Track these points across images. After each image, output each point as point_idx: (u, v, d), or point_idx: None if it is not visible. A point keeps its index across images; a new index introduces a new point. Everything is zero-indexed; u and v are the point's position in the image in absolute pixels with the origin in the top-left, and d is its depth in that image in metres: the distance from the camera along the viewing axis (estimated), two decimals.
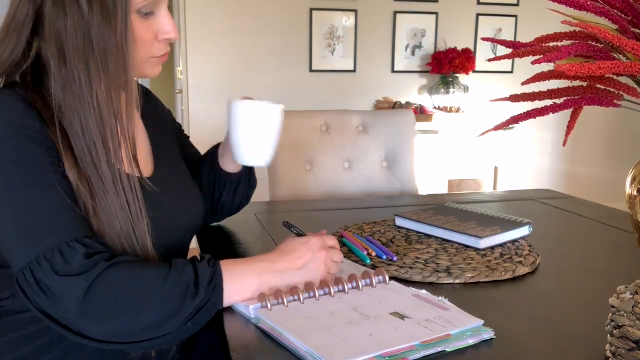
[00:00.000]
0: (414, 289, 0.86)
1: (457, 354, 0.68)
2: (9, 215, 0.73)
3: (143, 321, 0.72)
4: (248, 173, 1.14)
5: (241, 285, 0.79)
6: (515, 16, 3.87)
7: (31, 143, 0.75)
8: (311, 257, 0.84)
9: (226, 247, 1.11)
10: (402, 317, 0.75)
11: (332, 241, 0.90)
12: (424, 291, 0.84)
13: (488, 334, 0.72)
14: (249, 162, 1.02)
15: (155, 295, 0.72)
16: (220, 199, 1.13)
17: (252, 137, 0.99)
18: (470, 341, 0.70)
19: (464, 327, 0.72)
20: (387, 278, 0.88)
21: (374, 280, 0.86)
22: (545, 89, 0.84)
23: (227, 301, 0.78)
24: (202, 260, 0.78)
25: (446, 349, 0.68)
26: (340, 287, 0.84)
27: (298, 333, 0.70)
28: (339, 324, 0.73)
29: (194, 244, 1.18)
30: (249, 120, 0.98)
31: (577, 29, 0.79)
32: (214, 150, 1.14)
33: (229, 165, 1.10)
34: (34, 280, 0.71)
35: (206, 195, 1.10)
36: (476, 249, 1.05)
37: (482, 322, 0.74)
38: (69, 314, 0.71)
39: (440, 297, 0.82)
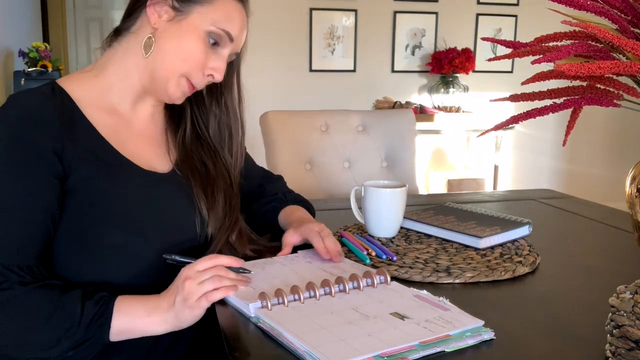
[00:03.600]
0: (415, 289, 0.86)
1: (458, 354, 0.68)
2: None
3: (25, 341, 0.76)
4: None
5: (129, 324, 0.78)
6: (515, 16, 3.87)
7: (25, 154, 0.80)
8: (177, 291, 0.78)
9: None
10: (402, 317, 0.75)
11: (204, 264, 0.80)
12: (424, 292, 0.84)
13: (488, 334, 0.71)
14: (380, 235, 1.14)
15: (37, 329, 0.75)
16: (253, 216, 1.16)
17: (383, 215, 1.13)
18: (470, 342, 0.70)
19: (464, 327, 0.72)
20: (388, 278, 0.88)
21: (376, 281, 0.86)
22: (545, 89, 0.84)
23: (114, 337, 0.78)
24: (95, 297, 0.78)
25: (445, 350, 0.68)
26: (342, 287, 0.84)
27: (297, 333, 0.70)
28: (338, 323, 0.73)
29: None
30: (380, 203, 1.13)
31: (577, 29, 0.79)
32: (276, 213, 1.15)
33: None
34: None
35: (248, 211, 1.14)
36: (476, 249, 1.05)
37: (482, 322, 0.74)
38: None
39: (441, 298, 0.81)
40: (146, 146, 0.96)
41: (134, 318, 0.78)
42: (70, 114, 0.87)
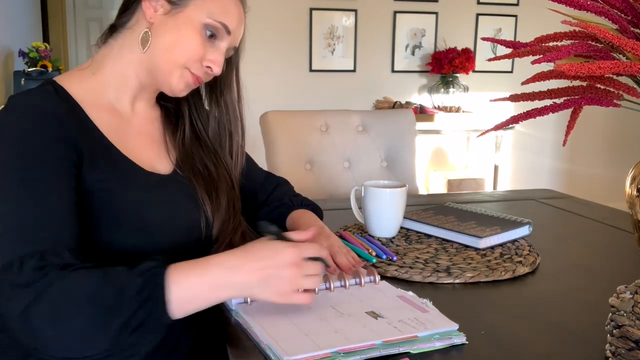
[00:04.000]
0: (402, 290, 0.85)
1: (457, 353, 0.68)
2: None
3: (68, 330, 0.68)
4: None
5: (189, 296, 0.71)
6: (515, 16, 3.87)
7: (43, 148, 0.78)
8: (273, 272, 0.72)
9: None
10: (376, 316, 0.75)
11: (313, 250, 0.76)
12: (410, 293, 0.84)
13: (459, 338, 0.70)
14: (380, 235, 1.14)
15: (80, 313, 0.68)
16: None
17: (383, 215, 1.13)
18: (438, 344, 0.69)
19: (435, 330, 0.71)
20: (377, 278, 0.87)
21: (364, 280, 0.86)
22: (545, 89, 0.84)
23: (177, 313, 0.70)
24: (141, 268, 0.71)
25: (410, 351, 0.67)
26: (327, 285, 0.84)
27: (265, 327, 0.70)
28: (310, 320, 0.73)
29: None
30: (380, 203, 1.13)
31: (577, 29, 0.79)
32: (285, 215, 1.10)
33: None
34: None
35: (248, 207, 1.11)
36: (476, 249, 1.05)
37: (457, 326, 0.73)
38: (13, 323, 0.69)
39: (424, 300, 0.81)
40: (147, 146, 0.96)
41: (192, 291, 0.71)
42: (75, 113, 0.86)
